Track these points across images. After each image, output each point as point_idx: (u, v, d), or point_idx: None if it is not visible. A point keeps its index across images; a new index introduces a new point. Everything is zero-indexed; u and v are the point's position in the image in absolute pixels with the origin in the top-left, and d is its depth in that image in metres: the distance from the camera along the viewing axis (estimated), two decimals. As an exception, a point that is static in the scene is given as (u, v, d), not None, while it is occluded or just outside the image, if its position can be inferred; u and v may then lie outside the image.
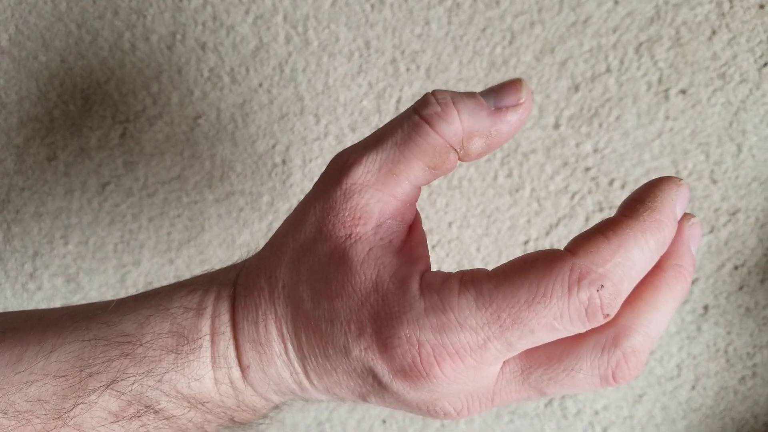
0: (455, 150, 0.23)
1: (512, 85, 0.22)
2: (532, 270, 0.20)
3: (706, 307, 0.47)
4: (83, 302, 0.50)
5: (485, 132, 0.22)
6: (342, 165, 0.23)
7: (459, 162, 0.24)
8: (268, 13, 0.43)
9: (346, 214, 0.22)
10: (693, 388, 0.49)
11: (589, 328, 0.20)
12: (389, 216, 0.23)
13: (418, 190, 0.24)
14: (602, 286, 0.19)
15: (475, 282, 0.21)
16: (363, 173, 0.22)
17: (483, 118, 0.22)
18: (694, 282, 0.46)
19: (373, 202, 0.22)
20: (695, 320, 0.47)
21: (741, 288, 0.46)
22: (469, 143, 0.23)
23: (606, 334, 0.21)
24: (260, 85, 0.44)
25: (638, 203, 0.21)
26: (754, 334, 0.47)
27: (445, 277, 0.21)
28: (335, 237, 0.22)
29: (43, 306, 0.50)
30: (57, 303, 0.50)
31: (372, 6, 0.42)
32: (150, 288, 0.49)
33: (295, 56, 0.44)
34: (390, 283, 0.21)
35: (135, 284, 0.49)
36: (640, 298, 0.21)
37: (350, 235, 0.22)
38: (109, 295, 0.50)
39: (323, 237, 0.23)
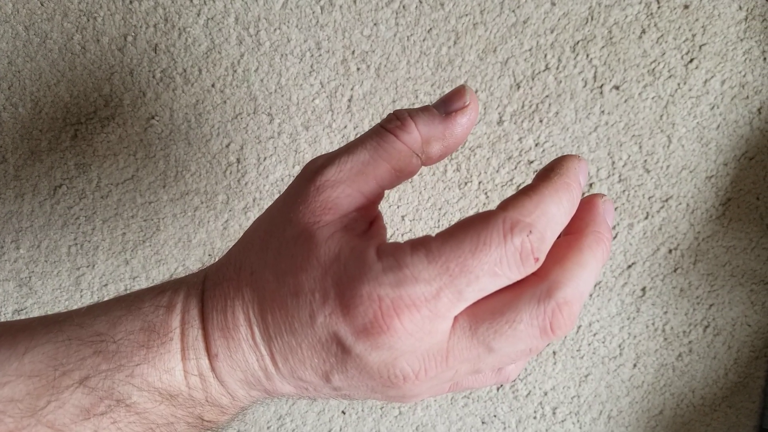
0: (417, 155, 0.26)
1: (457, 91, 0.27)
2: (471, 226, 0.23)
3: (644, 289, 0.50)
4: (36, 307, 0.49)
5: (440, 136, 0.26)
6: (316, 167, 0.26)
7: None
8: (220, 15, 0.44)
9: (317, 205, 0.25)
10: (635, 366, 0.51)
11: (524, 273, 0.23)
12: (354, 209, 0.26)
13: (382, 193, 0.27)
14: (530, 232, 0.23)
15: (424, 242, 0.24)
16: (336, 171, 0.25)
17: (437, 125, 0.26)
18: (632, 266, 0.49)
19: (343, 197, 0.25)
20: (634, 302, 0.50)
21: (675, 270, 0.49)
22: (428, 148, 0.26)
23: (540, 287, 0.24)
24: (213, 85, 0.45)
25: (550, 171, 0.25)
26: (689, 313, 0.50)
27: (397, 244, 0.24)
28: (304, 223, 0.25)
29: (-6, 312, 0.49)
30: (9, 308, 0.49)
31: (322, 8, 0.44)
32: (105, 290, 0.49)
33: (247, 57, 0.44)
34: (351, 253, 0.24)
35: (90, 286, 0.49)
36: (567, 258, 0.25)
37: (318, 221, 0.25)
38: (63, 299, 0.49)
39: (292, 224, 0.25)
